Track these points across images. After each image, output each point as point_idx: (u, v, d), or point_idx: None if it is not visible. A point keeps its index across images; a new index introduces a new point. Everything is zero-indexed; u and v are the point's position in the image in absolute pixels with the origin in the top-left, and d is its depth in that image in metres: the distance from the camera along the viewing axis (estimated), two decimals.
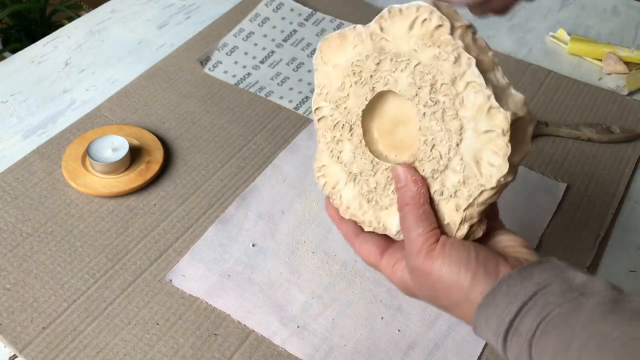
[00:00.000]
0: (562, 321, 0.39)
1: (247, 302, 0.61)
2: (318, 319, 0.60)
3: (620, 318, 0.38)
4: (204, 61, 0.87)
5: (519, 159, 0.45)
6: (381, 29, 0.49)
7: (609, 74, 0.90)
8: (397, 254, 0.49)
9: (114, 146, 0.70)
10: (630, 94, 0.87)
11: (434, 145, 0.47)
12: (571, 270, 0.42)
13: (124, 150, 0.70)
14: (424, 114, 0.47)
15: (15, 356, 0.57)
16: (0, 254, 0.63)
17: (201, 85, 0.84)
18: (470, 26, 0.47)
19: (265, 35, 0.92)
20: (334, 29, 0.94)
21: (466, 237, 0.46)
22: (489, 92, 0.44)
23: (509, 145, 0.44)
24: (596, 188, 0.74)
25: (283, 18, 0.95)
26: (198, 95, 0.82)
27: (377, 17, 0.49)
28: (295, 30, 0.94)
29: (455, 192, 0.47)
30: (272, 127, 0.79)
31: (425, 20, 0.47)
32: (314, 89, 0.87)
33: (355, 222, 0.52)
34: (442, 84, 0.47)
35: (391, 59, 0.49)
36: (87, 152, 0.69)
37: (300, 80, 0.86)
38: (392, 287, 0.62)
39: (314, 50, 0.91)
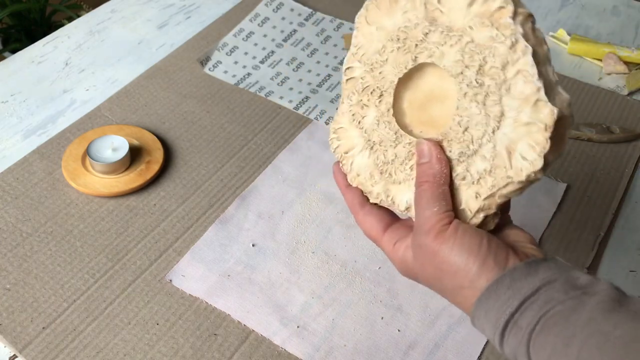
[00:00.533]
0: (563, 318, 0.39)
1: (247, 302, 0.61)
2: (318, 319, 0.60)
3: (622, 317, 0.37)
4: (204, 61, 0.87)
5: (553, 158, 0.44)
6: (439, 1, 0.47)
7: (609, 74, 0.90)
8: (400, 232, 0.48)
9: (114, 146, 0.70)
10: (630, 94, 0.87)
11: (467, 128, 0.46)
12: (575, 270, 0.42)
13: (124, 150, 0.70)
14: (465, 93, 0.46)
15: (15, 356, 0.57)
16: (0, 254, 0.63)
17: (201, 85, 0.84)
18: (531, 15, 0.45)
19: (265, 35, 0.92)
20: (334, 29, 0.94)
21: (479, 226, 0.46)
22: (539, 84, 0.43)
23: (549, 141, 0.43)
24: (596, 188, 0.74)
25: (283, 18, 0.95)
26: (198, 95, 0.82)
27: None
28: (295, 30, 0.94)
29: (479, 179, 0.45)
30: (272, 127, 0.79)
31: None
32: (314, 89, 0.87)
33: (361, 192, 0.50)
34: (491, 67, 0.45)
35: (442, 32, 0.47)
36: (87, 152, 0.69)
37: (300, 80, 0.86)
38: (392, 287, 0.62)
39: (314, 50, 0.91)
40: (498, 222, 0.46)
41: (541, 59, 0.44)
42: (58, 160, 0.72)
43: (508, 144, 0.44)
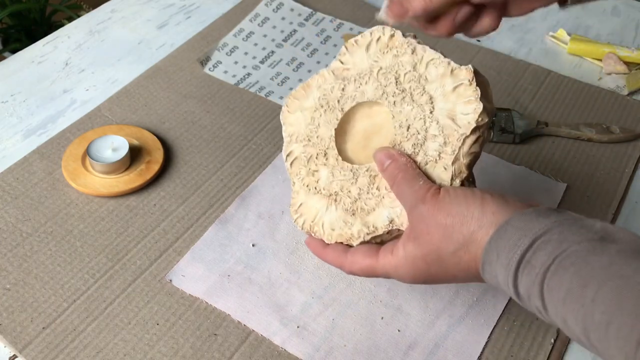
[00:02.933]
0: (581, 258, 0.37)
1: (247, 302, 0.61)
2: (318, 319, 0.60)
3: None
4: (204, 61, 0.87)
5: (487, 102, 0.49)
6: (342, 63, 0.56)
7: (609, 74, 0.90)
8: (389, 247, 0.49)
9: (114, 146, 0.70)
10: (631, 94, 0.87)
11: (409, 126, 0.51)
12: (590, 219, 0.41)
13: (124, 150, 0.70)
14: (394, 102, 0.52)
15: (15, 356, 0.57)
16: (0, 254, 0.63)
17: (201, 85, 0.84)
18: (416, 36, 0.54)
19: (265, 35, 0.92)
20: (334, 29, 0.94)
21: None
22: (447, 60, 0.51)
23: (477, 88, 0.49)
24: (596, 188, 0.74)
25: (283, 18, 0.95)
26: (198, 95, 0.82)
27: (337, 55, 0.56)
28: (295, 30, 0.94)
29: (439, 154, 0.49)
30: (272, 127, 0.79)
31: (379, 37, 0.54)
32: None
33: (340, 245, 0.52)
34: (405, 74, 0.52)
35: (355, 80, 0.55)
36: (87, 152, 0.69)
37: (300, 80, 0.86)
38: (392, 287, 0.62)
39: (314, 50, 0.91)
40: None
41: None
42: (58, 160, 0.72)
43: (448, 113, 0.50)
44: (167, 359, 0.57)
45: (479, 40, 0.94)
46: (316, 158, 0.55)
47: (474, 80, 0.50)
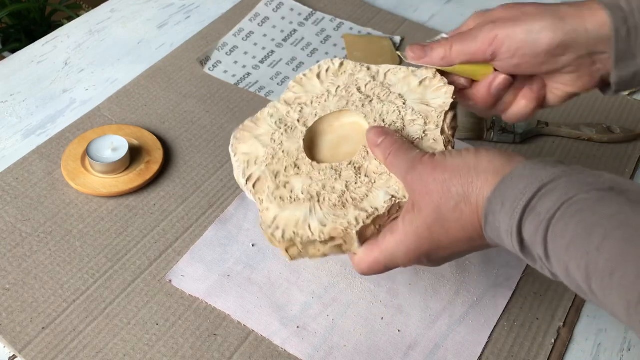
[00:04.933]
0: (588, 206, 0.36)
1: (247, 302, 0.61)
2: (318, 319, 0.60)
3: None
4: (203, 61, 0.87)
5: (453, 88, 0.54)
6: (294, 93, 0.58)
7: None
8: (387, 229, 0.48)
9: (114, 146, 0.70)
10: (631, 94, 0.87)
11: (384, 119, 0.53)
12: (598, 171, 0.40)
13: (123, 150, 0.70)
14: (363, 104, 0.55)
15: (14, 356, 0.57)
16: (0, 254, 0.63)
17: (201, 85, 0.84)
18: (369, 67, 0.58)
19: (265, 35, 0.92)
20: (334, 29, 0.94)
21: None
22: (405, 67, 0.55)
23: (443, 77, 0.53)
24: None
25: (283, 18, 0.95)
26: (198, 95, 0.82)
27: (285, 91, 0.58)
28: (295, 30, 0.94)
29: (424, 132, 0.52)
30: None
31: (329, 67, 0.58)
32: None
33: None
34: (365, 85, 0.56)
35: (312, 101, 0.57)
36: (87, 152, 0.69)
37: None
38: (392, 287, 0.62)
39: (314, 50, 0.91)
40: None
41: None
42: (57, 160, 0.72)
43: (421, 101, 0.53)
44: (167, 359, 0.56)
45: None
46: (285, 171, 0.53)
47: (436, 72, 0.53)
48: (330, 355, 0.57)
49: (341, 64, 0.58)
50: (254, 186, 0.54)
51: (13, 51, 1.57)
